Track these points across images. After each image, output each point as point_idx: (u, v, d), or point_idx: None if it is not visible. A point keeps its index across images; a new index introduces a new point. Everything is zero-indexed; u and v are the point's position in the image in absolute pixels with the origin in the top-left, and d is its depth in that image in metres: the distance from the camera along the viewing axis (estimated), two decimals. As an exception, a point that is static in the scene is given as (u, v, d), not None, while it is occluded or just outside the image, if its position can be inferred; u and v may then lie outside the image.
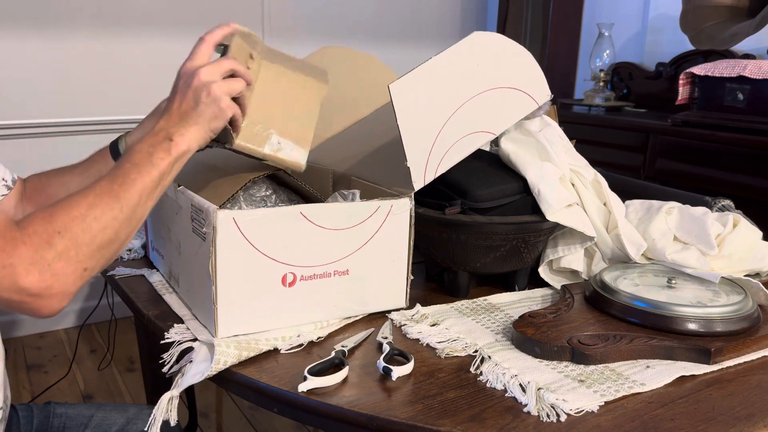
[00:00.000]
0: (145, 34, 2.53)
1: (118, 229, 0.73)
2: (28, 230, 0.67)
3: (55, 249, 0.67)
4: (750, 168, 2.00)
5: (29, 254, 0.65)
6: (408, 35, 3.12)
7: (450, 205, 0.99)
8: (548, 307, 0.91)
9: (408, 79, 0.92)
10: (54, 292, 0.66)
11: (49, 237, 0.67)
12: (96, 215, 0.70)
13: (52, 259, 0.66)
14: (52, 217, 0.68)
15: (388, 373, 0.76)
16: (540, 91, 1.07)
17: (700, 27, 2.31)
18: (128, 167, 0.75)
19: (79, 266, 0.69)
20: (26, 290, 0.65)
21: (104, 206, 0.71)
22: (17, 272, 0.64)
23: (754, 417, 0.70)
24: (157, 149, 0.77)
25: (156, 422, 0.77)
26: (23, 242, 0.66)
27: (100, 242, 0.70)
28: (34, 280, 0.65)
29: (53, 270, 0.66)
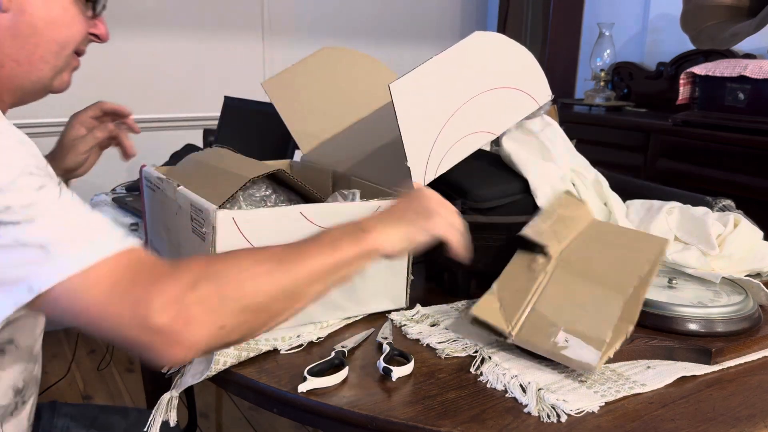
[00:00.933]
0: (145, 34, 2.53)
1: (273, 299, 0.64)
2: (180, 268, 0.61)
3: (198, 292, 0.59)
4: (751, 168, 2.00)
5: (172, 291, 0.58)
6: (408, 35, 3.12)
7: (450, 205, 0.98)
8: (549, 308, 0.91)
9: (408, 79, 0.92)
10: (182, 338, 0.58)
11: (197, 280, 0.60)
12: (255, 273, 0.63)
13: (191, 302, 0.58)
14: (208, 262, 0.63)
15: (388, 374, 0.76)
16: (541, 91, 1.07)
17: (700, 27, 2.30)
18: (310, 244, 0.68)
19: (217, 320, 0.60)
20: (155, 328, 0.57)
21: (266, 268, 0.64)
22: (153, 307, 0.57)
23: (755, 417, 0.70)
24: (345, 236, 0.70)
25: (155, 422, 0.76)
26: (171, 277, 0.60)
27: (247, 303, 0.62)
28: (167, 319, 0.57)
29: (189, 313, 0.58)
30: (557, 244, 0.86)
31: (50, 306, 0.59)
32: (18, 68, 0.75)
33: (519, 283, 0.84)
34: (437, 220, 0.76)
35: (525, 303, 0.81)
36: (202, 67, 2.65)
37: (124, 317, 0.58)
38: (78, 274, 0.58)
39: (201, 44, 2.64)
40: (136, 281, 0.59)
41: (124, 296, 0.58)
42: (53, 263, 0.58)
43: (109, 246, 0.60)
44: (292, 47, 2.82)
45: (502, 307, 0.82)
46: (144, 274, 0.60)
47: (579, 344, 0.75)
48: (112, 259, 0.60)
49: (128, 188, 1.66)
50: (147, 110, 2.56)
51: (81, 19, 0.79)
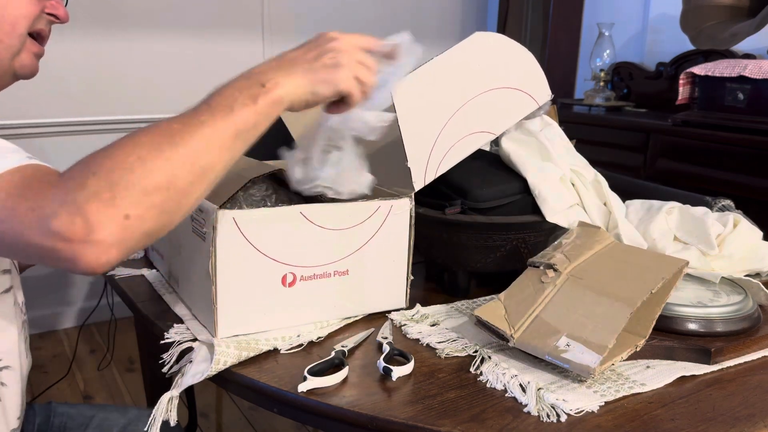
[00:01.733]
0: (145, 34, 2.53)
1: (173, 175, 0.59)
2: (65, 175, 0.59)
3: (88, 190, 0.56)
4: (750, 168, 2.00)
5: (59, 196, 0.57)
6: (408, 35, 3.12)
7: (450, 205, 0.99)
8: (549, 308, 0.91)
9: (409, 80, 0.92)
10: (89, 237, 0.56)
11: (84, 179, 0.57)
12: (141, 155, 0.59)
13: (83, 201, 0.56)
14: (92, 158, 0.59)
15: (388, 373, 0.76)
16: (541, 90, 1.07)
17: (700, 27, 2.30)
18: (202, 108, 0.64)
19: (118, 212, 0.57)
20: (56, 233, 0.56)
21: (155, 146, 0.60)
22: (45, 213, 0.56)
23: (755, 417, 0.70)
24: (242, 93, 0.65)
25: (156, 422, 0.77)
26: (56, 185, 0.58)
27: (145, 186, 0.58)
28: (63, 222, 0.55)
29: (84, 212, 0.56)
30: (569, 264, 0.86)
31: None
32: None
33: (526, 293, 0.84)
34: (343, 72, 0.70)
35: (530, 311, 0.81)
36: (202, 67, 2.65)
37: (24, 227, 0.57)
38: None
39: (201, 44, 2.64)
40: (26, 192, 0.58)
41: (17, 207, 0.58)
42: None
43: (2, 164, 0.60)
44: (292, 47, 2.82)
45: (506, 313, 0.82)
46: (34, 183, 0.59)
47: (580, 348, 0.75)
48: (5, 176, 0.59)
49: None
50: (147, 110, 2.56)
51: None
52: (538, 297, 0.83)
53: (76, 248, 0.56)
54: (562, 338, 0.77)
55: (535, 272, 0.87)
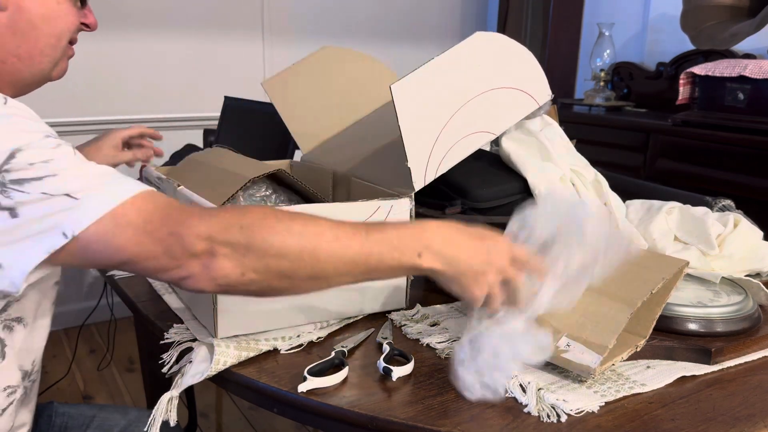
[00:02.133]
0: (145, 34, 2.52)
1: (297, 270, 0.64)
2: (214, 211, 0.65)
3: (229, 236, 0.62)
4: (750, 168, 2.00)
5: (201, 228, 0.62)
6: (408, 35, 3.12)
7: (450, 205, 0.99)
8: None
9: (410, 80, 0.92)
10: (205, 274, 0.63)
11: (230, 225, 0.63)
12: (289, 243, 0.63)
13: (220, 242, 0.62)
14: (245, 212, 0.65)
15: (388, 374, 0.76)
16: (541, 90, 1.07)
17: (700, 27, 2.30)
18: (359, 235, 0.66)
19: (240, 268, 0.63)
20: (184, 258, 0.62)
21: (306, 247, 0.64)
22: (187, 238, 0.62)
23: (755, 417, 0.70)
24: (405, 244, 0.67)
25: (155, 422, 0.76)
26: (200, 217, 0.63)
27: (273, 267, 0.63)
28: (200, 248, 0.62)
29: (214, 251, 0.62)
30: None
31: (81, 252, 0.63)
32: (19, 63, 0.78)
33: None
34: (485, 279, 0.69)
35: None
36: (202, 67, 2.65)
37: (158, 251, 0.62)
38: (108, 215, 0.62)
39: (201, 44, 2.63)
40: (167, 219, 0.63)
41: (157, 232, 0.62)
42: (83, 208, 0.62)
43: (129, 189, 0.64)
44: (292, 47, 2.82)
45: None
46: (175, 212, 0.64)
47: (580, 349, 0.75)
48: (137, 199, 0.64)
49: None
50: (147, 110, 2.56)
51: (73, 10, 0.82)
52: None
53: (196, 273, 0.63)
54: (562, 338, 0.77)
55: None
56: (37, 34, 0.78)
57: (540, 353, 0.72)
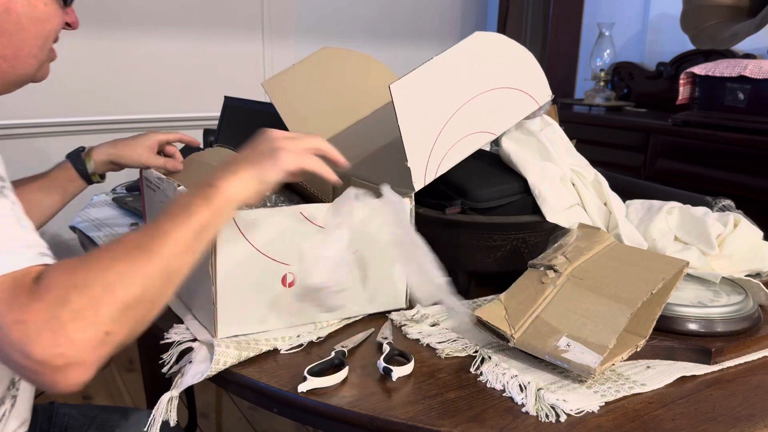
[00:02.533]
0: (144, 34, 2.52)
1: (147, 287, 0.62)
2: (44, 282, 0.58)
3: (70, 307, 0.56)
4: (751, 168, 2.00)
5: (43, 312, 0.56)
6: (408, 35, 3.12)
7: (450, 205, 0.99)
8: (549, 308, 0.90)
9: (409, 80, 0.92)
10: (71, 362, 0.56)
11: (66, 293, 0.57)
12: (120, 270, 0.60)
13: (66, 319, 0.56)
14: (73, 270, 0.59)
15: (388, 374, 0.76)
16: (541, 91, 1.07)
17: (700, 27, 2.30)
18: (162, 219, 0.67)
19: (99, 329, 0.58)
20: (38, 359, 0.55)
21: (131, 260, 0.62)
22: (29, 334, 0.55)
23: (755, 417, 0.70)
24: (196, 197, 0.69)
25: (155, 422, 0.77)
26: (39, 297, 0.57)
27: (123, 301, 0.60)
28: (47, 345, 0.55)
29: (67, 332, 0.56)
30: (569, 265, 0.86)
31: None
32: (5, 64, 0.78)
33: (527, 294, 0.84)
34: (283, 155, 0.75)
35: (530, 311, 0.81)
36: (202, 67, 2.65)
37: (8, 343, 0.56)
38: None
39: (201, 44, 2.63)
40: (12, 303, 0.56)
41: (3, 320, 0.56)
42: None
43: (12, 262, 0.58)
44: (292, 47, 2.82)
45: (507, 313, 0.82)
46: (21, 293, 0.57)
47: (581, 349, 0.75)
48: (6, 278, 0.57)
49: (128, 188, 1.66)
50: (147, 110, 2.56)
51: (59, 11, 0.82)
52: (538, 297, 0.83)
53: (58, 373, 0.56)
54: (562, 338, 0.77)
55: (536, 273, 0.87)
56: (24, 36, 0.77)
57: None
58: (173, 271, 0.65)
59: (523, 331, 0.79)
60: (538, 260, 0.89)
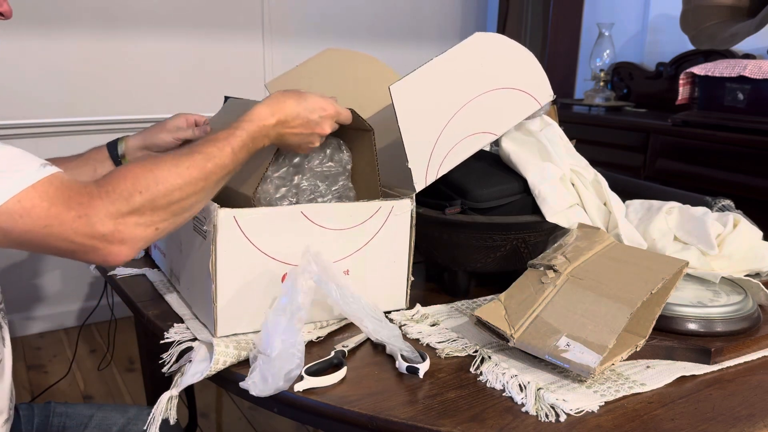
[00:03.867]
0: (145, 34, 2.52)
1: (195, 202, 0.76)
2: (106, 187, 0.70)
3: (132, 205, 0.70)
4: (750, 168, 2.00)
5: (105, 206, 0.69)
6: (408, 35, 3.12)
7: (450, 205, 0.99)
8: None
9: (409, 80, 0.92)
10: (124, 240, 0.70)
11: (129, 194, 0.70)
12: (180, 185, 0.73)
13: (127, 212, 0.70)
14: (137, 178, 0.72)
15: (414, 372, 0.77)
16: (542, 91, 1.07)
17: (700, 27, 2.30)
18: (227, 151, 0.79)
19: (152, 225, 0.72)
20: (100, 236, 0.69)
21: (191, 179, 0.74)
22: (93, 221, 0.68)
23: (755, 417, 0.70)
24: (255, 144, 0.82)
25: (155, 421, 0.77)
26: (100, 196, 0.69)
27: (175, 209, 0.74)
28: (109, 227, 0.69)
29: (126, 222, 0.70)
30: (569, 265, 0.86)
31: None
32: None
33: (526, 294, 0.84)
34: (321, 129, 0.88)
35: (530, 311, 0.81)
36: (202, 67, 2.65)
37: (67, 232, 0.68)
38: (13, 200, 0.66)
39: (201, 44, 2.63)
40: (70, 200, 0.68)
41: (63, 214, 0.68)
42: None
43: (33, 175, 0.68)
44: (292, 47, 2.82)
45: (507, 313, 0.83)
46: (76, 193, 0.69)
47: (580, 348, 0.75)
48: (40, 185, 0.68)
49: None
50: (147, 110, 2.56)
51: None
52: (538, 297, 0.83)
53: (112, 248, 0.70)
54: (562, 338, 0.77)
55: (536, 273, 0.87)
56: None
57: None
58: (213, 193, 0.79)
59: (522, 330, 0.79)
60: (538, 260, 0.89)
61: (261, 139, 0.83)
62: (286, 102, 0.86)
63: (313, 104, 0.87)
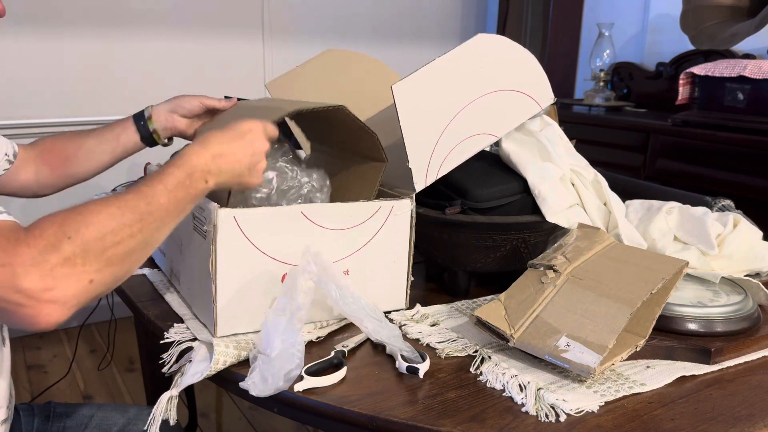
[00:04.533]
0: (144, 34, 2.52)
1: (133, 249, 0.68)
2: (34, 232, 0.62)
3: (61, 253, 0.62)
4: (750, 168, 2.00)
5: (31, 255, 0.61)
6: (408, 35, 3.12)
7: (450, 206, 0.99)
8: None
9: (411, 81, 0.92)
10: (54, 298, 0.61)
11: (57, 240, 0.62)
12: (113, 228, 0.66)
13: (55, 263, 0.61)
14: (64, 221, 0.64)
15: (414, 372, 0.77)
16: (543, 94, 1.07)
17: (700, 27, 2.30)
18: (160, 189, 0.72)
19: (85, 277, 0.63)
20: (24, 291, 0.60)
21: (125, 221, 0.67)
22: (16, 272, 0.60)
23: (755, 417, 0.70)
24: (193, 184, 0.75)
25: (155, 421, 0.77)
26: (27, 243, 0.61)
27: (110, 256, 0.65)
28: (34, 280, 0.60)
29: (55, 274, 0.61)
30: (569, 265, 0.86)
31: None
32: None
33: (526, 294, 0.84)
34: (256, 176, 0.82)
35: (530, 311, 0.81)
36: (202, 67, 2.65)
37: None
38: None
39: (201, 44, 2.63)
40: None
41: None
42: None
43: None
44: (292, 47, 2.82)
45: (507, 313, 0.83)
46: (2, 240, 0.62)
47: (580, 348, 0.75)
48: None
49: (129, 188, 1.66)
50: (147, 110, 2.56)
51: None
52: (538, 297, 0.83)
53: (41, 307, 0.61)
54: (562, 338, 0.77)
55: (536, 273, 0.87)
56: None
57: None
58: (155, 242, 0.72)
59: (522, 330, 0.79)
60: (538, 260, 0.89)
61: (200, 175, 0.75)
62: (213, 135, 0.80)
63: (238, 127, 0.82)
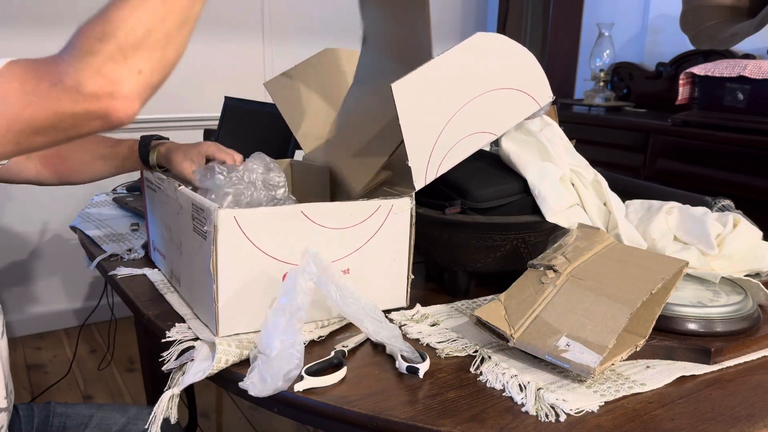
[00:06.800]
0: (145, 34, 2.53)
1: (169, 31, 0.68)
2: (66, 51, 0.65)
3: (100, 54, 0.63)
4: (750, 168, 2.00)
5: (72, 66, 0.63)
6: (408, 35, 3.12)
7: (450, 205, 0.99)
8: (549, 308, 0.91)
9: (411, 79, 0.92)
10: (117, 94, 0.64)
11: (90, 46, 0.64)
12: (140, 17, 0.65)
13: (99, 64, 0.63)
14: (88, 28, 0.65)
15: (414, 372, 0.77)
16: (542, 92, 1.07)
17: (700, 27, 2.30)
18: None
19: (132, 68, 0.65)
20: (87, 95, 0.63)
21: (149, 7, 0.66)
22: (68, 84, 0.63)
23: (754, 417, 0.70)
24: None
25: (156, 420, 0.77)
26: (63, 60, 0.64)
27: (148, 44, 0.66)
28: (89, 84, 0.63)
29: (104, 73, 0.63)
30: (569, 265, 0.86)
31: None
32: None
33: (526, 294, 0.84)
34: None
35: (530, 311, 0.81)
36: (202, 67, 2.65)
37: (52, 103, 0.63)
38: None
39: (201, 44, 2.63)
40: (39, 72, 0.64)
41: (38, 87, 0.63)
42: None
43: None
44: (292, 47, 2.82)
45: (506, 313, 0.83)
46: (42, 65, 0.65)
47: (580, 348, 0.75)
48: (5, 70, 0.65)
49: (129, 188, 1.67)
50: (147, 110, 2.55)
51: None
52: (538, 297, 0.83)
53: (107, 104, 0.64)
54: (562, 338, 0.77)
55: (535, 273, 0.87)
56: None
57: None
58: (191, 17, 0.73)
59: (522, 330, 0.79)
60: (537, 260, 0.89)
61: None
62: None
63: None
